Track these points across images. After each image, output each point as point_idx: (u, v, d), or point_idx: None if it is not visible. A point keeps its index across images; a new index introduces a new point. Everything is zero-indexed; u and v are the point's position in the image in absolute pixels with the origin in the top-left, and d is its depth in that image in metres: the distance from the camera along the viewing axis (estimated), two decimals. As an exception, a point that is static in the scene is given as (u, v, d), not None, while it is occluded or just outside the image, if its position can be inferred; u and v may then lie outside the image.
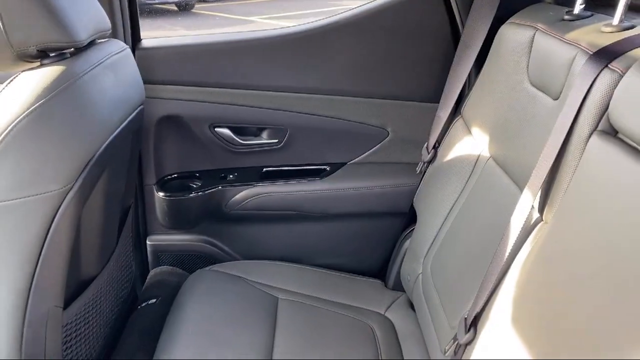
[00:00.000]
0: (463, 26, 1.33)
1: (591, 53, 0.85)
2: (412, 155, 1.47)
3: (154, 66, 1.38)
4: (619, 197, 0.69)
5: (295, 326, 1.25)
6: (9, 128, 0.82)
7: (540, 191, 0.88)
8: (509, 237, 0.90)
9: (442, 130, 1.35)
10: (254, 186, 1.49)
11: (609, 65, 0.80)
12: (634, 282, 0.64)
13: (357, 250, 1.56)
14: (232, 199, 1.49)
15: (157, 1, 8.67)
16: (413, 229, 1.42)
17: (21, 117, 0.82)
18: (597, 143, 0.77)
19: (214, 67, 1.40)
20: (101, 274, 1.16)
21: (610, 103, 0.77)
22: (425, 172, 1.40)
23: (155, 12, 8.52)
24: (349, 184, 1.50)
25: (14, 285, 0.87)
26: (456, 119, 1.33)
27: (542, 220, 0.88)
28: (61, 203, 0.87)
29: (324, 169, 1.53)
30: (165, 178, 1.51)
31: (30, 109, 0.83)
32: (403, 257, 1.43)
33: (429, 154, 1.38)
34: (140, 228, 1.54)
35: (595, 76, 0.81)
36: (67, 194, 0.88)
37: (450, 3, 1.34)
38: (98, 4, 1.05)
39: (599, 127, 0.80)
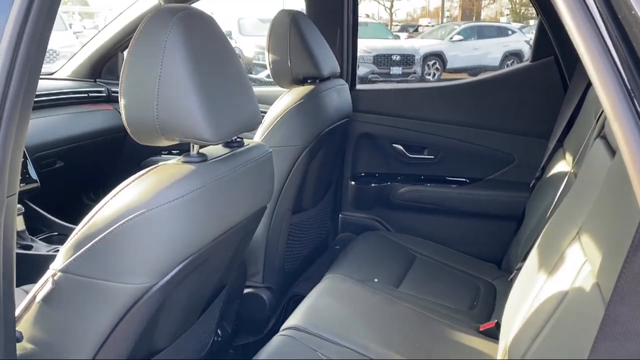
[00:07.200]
0: (568, 86, 1.90)
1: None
2: (530, 176, 2.02)
3: (361, 101, 2.21)
4: None
5: (422, 272, 1.89)
6: (285, 112, 1.69)
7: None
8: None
9: (548, 157, 1.90)
10: (413, 185, 2.20)
11: None
12: None
13: (479, 241, 2.13)
14: (397, 192, 2.22)
15: (381, 79, 11.24)
16: (522, 228, 1.96)
17: (291, 107, 1.69)
18: None
19: (395, 104, 2.19)
20: (312, 210, 1.98)
21: None
22: (534, 186, 1.95)
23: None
24: (480, 192, 2.11)
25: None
26: (559, 148, 1.88)
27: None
28: (301, 153, 1.71)
29: (465, 181, 2.17)
30: (357, 174, 2.31)
31: (297, 104, 1.70)
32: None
33: (538, 173, 1.93)
34: (337, 205, 2.35)
35: None
36: (305, 149, 1.71)
37: (562, 70, 1.93)
38: (335, 59, 1.92)
39: None
